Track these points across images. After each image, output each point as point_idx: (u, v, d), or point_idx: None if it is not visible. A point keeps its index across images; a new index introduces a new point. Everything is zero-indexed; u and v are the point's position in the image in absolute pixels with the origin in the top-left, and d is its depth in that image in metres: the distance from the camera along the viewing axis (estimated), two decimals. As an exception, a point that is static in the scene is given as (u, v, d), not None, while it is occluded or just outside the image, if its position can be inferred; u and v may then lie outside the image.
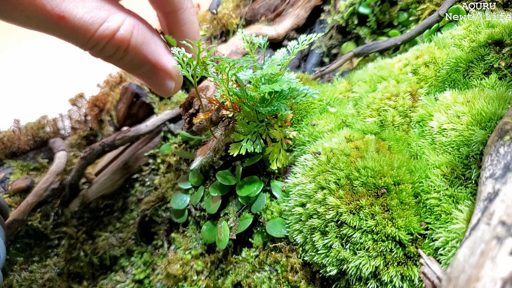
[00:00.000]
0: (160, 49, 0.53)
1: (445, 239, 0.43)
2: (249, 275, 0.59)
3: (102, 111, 1.12)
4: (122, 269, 0.81)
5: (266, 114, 0.58)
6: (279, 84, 0.51)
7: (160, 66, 0.53)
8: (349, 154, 0.54)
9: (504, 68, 0.55)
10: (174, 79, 0.56)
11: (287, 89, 0.56)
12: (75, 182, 0.92)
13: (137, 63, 0.52)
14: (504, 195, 0.33)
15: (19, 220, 0.80)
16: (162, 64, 0.53)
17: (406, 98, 0.61)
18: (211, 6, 1.00)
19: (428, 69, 0.63)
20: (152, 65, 0.53)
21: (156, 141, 0.93)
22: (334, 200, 0.49)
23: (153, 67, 0.53)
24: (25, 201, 0.82)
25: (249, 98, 0.55)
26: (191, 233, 0.71)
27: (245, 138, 0.57)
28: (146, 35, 0.51)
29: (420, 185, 0.49)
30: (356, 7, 0.89)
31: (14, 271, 0.79)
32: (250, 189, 0.61)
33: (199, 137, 0.80)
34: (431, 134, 0.54)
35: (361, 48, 0.80)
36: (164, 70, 0.54)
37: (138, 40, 0.49)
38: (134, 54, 0.50)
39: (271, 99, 0.56)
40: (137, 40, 0.49)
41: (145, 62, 0.52)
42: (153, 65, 0.53)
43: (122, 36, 0.47)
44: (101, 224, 0.95)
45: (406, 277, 0.45)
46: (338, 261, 0.48)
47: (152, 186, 0.93)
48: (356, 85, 0.71)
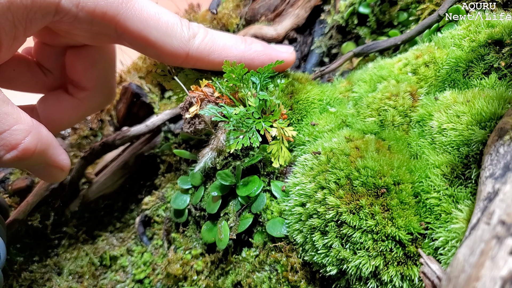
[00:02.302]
0: (57, 151, 0.57)
1: (445, 239, 0.43)
2: (249, 275, 0.59)
3: (102, 111, 1.12)
4: (122, 269, 0.81)
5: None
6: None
7: (56, 164, 0.57)
8: (349, 154, 0.54)
9: (504, 67, 0.55)
10: (65, 171, 0.60)
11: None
12: (75, 182, 0.92)
13: (33, 165, 0.55)
14: (504, 194, 0.33)
15: (19, 220, 0.80)
16: (58, 163, 0.57)
17: (406, 98, 0.61)
18: (211, 6, 1.00)
19: (428, 69, 0.63)
20: (47, 165, 0.56)
21: (156, 141, 0.93)
22: (334, 200, 0.50)
23: (47, 165, 0.56)
24: (25, 201, 0.82)
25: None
26: (191, 233, 0.71)
27: (242, 134, 0.57)
28: (47, 142, 0.54)
29: (420, 184, 0.49)
30: (356, 7, 0.89)
31: (14, 271, 0.79)
32: (250, 189, 0.61)
33: (199, 137, 0.80)
34: (431, 134, 0.54)
35: (361, 48, 0.80)
36: (58, 167, 0.58)
37: (41, 149, 0.52)
38: (33, 161, 0.53)
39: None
40: (39, 149, 0.52)
41: (42, 163, 0.55)
42: (48, 165, 0.56)
43: (26, 147, 0.50)
44: (101, 224, 0.95)
45: (406, 277, 0.45)
46: (338, 261, 0.48)
47: (152, 186, 0.93)
48: (356, 85, 0.71)
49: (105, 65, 0.68)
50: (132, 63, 1.14)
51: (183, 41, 0.59)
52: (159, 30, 0.56)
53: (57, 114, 0.66)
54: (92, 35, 0.57)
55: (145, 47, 0.58)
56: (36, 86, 0.68)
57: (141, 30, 0.55)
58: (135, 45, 0.59)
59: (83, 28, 0.55)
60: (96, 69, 0.66)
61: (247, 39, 0.67)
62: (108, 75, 0.70)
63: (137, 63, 1.12)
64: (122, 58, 1.19)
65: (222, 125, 0.61)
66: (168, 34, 0.57)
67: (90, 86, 0.67)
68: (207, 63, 0.64)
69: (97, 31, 0.56)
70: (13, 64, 0.63)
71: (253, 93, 0.61)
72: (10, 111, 0.48)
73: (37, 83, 0.67)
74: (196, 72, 0.69)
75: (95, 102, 0.70)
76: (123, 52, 1.00)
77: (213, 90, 0.63)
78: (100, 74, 0.67)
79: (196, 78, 0.69)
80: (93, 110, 0.72)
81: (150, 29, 0.56)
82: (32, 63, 0.66)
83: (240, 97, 0.63)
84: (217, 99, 0.61)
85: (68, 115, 0.68)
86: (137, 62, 1.13)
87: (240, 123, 0.57)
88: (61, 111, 0.67)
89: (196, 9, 1.21)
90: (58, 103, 0.67)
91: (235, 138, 0.57)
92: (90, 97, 0.68)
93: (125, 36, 0.56)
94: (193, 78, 0.69)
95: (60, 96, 0.67)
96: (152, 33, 0.56)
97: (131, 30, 0.55)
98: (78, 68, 0.65)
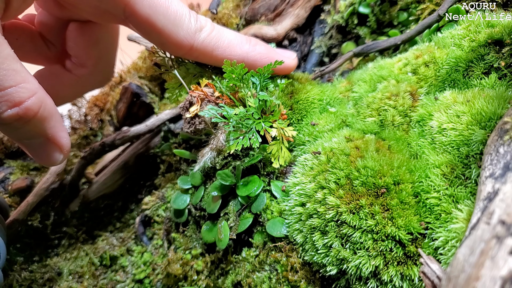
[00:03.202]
0: (59, 124, 0.54)
1: (445, 239, 0.43)
2: (249, 275, 0.59)
3: (102, 111, 1.12)
4: (122, 269, 0.81)
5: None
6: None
7: (55, 140, 0.54)
8: (349, 153, 0.54)
9: (504, 67, 0.55)
10: (64, 153, 0.57)
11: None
12: (75, 182, 0.92)
13: (31, 135, 0.52)
14: (503, 194, 0.33)
15: (19, 220, 0.80)
16: (58, 139, 0.54)
17: (406, 97, 0.61)
18: (211, 6, 1.01)
19: (428, 69, 0.63)
20: (46, 138, 0.54)
21: (156, 141, 0.93)
22: (334, 199, 0.50)
23: (46, 139, 0.54)
24: (25, 201, 0.82)
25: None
26: (191, 232, 0.71)
27: (242, 135, 0.57)
28: (51, 111, 0.52)
29: (420, 184, 0.49)
30: (356, 6, 0.89)
31: (14, 271, 0.79)
32: (250, 189, 0.61)
33: (199, 137, 0.80)
34: (431, 134, 0.54)
35: (361, 48, 0.80)
36: (57, 144, 0.55)
37: (43, 115, 0.50)
38: (33, 127, 0.50)
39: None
40: (42, 115, 0.50)
41: (41, 135, 0.53)
42: (47, 139, 0.54)
43: (29, 107, 0.48)
44: (101, 224, 0.95)
45: (406, 277, 0.45)
46: (338, 261, 0.48)
47: (152, 186, 0.93)
48: (356, 84, 0.71)
49: (107, 45, 0.66)
50: (132, 63, 1.15)
51: (189, 33, 0.58)
52: (167, 18, 0.56)
53: (54, 89, 0.64)
54: (99, 12, 0.56)
55: (150, 33, 0.57)
56: (39, 58, 0.66)
57: (150, 15, 0.55)
58: (141, 30, 0.58)
59: (91, 4, 0.54)
60: (98, 47, 0.65)
61: (251, 40, 0.67)
62: (109, 55, 0.68)
63: (137, 63, 1.12)
64: (122, 58, 1.19)
65: (222, 125, 0.61)
66: (176, 23, 0.57)
67: (90, 64, 0.65)
68: (210, 58, 0.63)
69: (104, 9, 0.55)
70: (16, 33, 0.62)
71: (253, 93, 0.61)
72: (19, 69, 0.47)
73: (39, 54, 0.66)
74: (198, 67, 0.69)
75: (93, 81, 0.69)
76: (123, 52, 1.00)
77: (213, 89, 0.63)
78: (101, 53, 0.66)
79: (196, 73, 0.69)
80: (90, 88, 0.71)
81: (158, 16, 0.55)
82: (36, 34, 0.65)
83: (240, 97, 0.63)
84: (217, 99, 0.61)
85: (65, 91, 0.66)
86: (137, 62, 1.13)
87: (240, 124, 0.57)
88: (58, 87, 0.65)
89: (196, 9, 1.21)
90: (55, 78, 0.65)
91: (235, 138, 0.57)
92: (89, 75, 0.66)
93: (132, 19, 0.55)
94: (194, 73, 0.69)
95: (58, 72, 0.66)
96: (159, 20, 0.55)
97: (140, 13, 0.54)
98: (80, 45, 0.63)
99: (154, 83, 1.06)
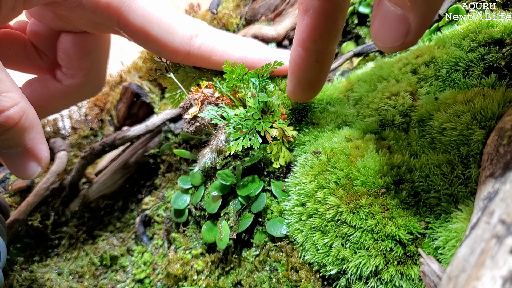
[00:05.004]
0: (39, 136, 0.53)
1: (445, 238, 0.43)
2: (250, 275, 0.59)
3: (102, 111, 1.12)
4: (123, 269, 0.81)
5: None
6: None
7: (34, 152, 0.54)
8: (349, 153, 0.54)
9: (503, 67, 0.55)
10: (42, 166, 0.56)
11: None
12: (75, 182, 0.92)
13: (9, 144, 0.52)
14: (504, 194, 0.33)
15: (20, 220, 0.80)
16: (37, 151, 0.54)
17: (406, 97, 0.61)
18: (211, 6, 1.01)
19: (428, 69, 0.63)
20: (24, 149, 0.53)
21: (157, 141, 0.93)
22: (334, 199, 0.50)
23: (24, 150, 0.53)
24: (25, 201, 0.82)
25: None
26: (191, 232, 0.71)
27: (242, 135, 0.57)
28: (33, 122, 0.51)
29: (420, 184, 0.49)
30: (356, 6, 0.89)
31: (14, 271, 0.79)
32: (250, 189, 0.61)
33: (199, 137, 0.80)
34: (431, 134, 0.54)
35: (361, 47, 0.80)
36: (36, 156, 0.54)
37: (24, 125, 0.50)
38: (12, 136, 0.50)
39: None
40: (23, 125, 0.49)
41: (20, 145, 0.52)
42: (26, 150, 0.53)
43: (10, 115, 0.47)
44: (102, 224, 0.95)
45: (406, 276, 0.45)
46: (338, 261, 0.48)
47: (152, 186, 0.93)
48: (356, 84, 0.72)
49: (98, 55, 0.66)
50: (132, 63, 1.14)
51: (184, 40, 0.58)
52: (161, 26, 0.56)
53: (43, 100, 0.64)
54: (92, 23, 0.56)
55: (145, 42, 0.57)
56: (31, 67, 0.66)
57: (143, 25, 0.55)
58: (136, 39, 0.58)
59: (84, 16, 0.54)
60: (90, 59, 0.64)
61: (250, 42, 0.67)
62: (100, 65, 0.68)
63: (137, 63, 1.12)
64: (122, 58, 1.19)
65: (222, 125, 0.61)
66: (170, 31, 0.57)
67: (81, 75, 0.65)
68: (207, 63, 0.63)
69: (98, 21, 0.55)
70: (9, 43, 0.62)
71: (253, 93, 0.61)
72: (4, 78, 0.47)
73: (32, 64, 0.65)
74: (196, 71, 0.69)
75: (84, 91, 0.68)
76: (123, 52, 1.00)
77: (213, 90, 0.63)
78: (93, 64, 0.65)
79: (195, 76, 0.69)
80: (80, 98, 0.70)
81: (152, 25, 0.55)
82: (28, 43, 0.64)
83: (240, 97, 0.63)
84: (217, 100, 0.61)
85: (55, 101, 0.66)
86: (137, 62, 1.13)
87: (240, 125, 0.57)
88: (48, 97, 0.64)
89: (196, 9, 1.22)
90: (45, 89, 0.64)
91: (235, 139, 0.57)
92: (80, 85, 0.65)
93: (127, 30, 0.55)
94: (193, 76, 0.69)
95: (47, 82, 0.65)
96: (154, 29, 0.55)
97: (133, 24, 0.54)
98: (71, 56, 0.63)
99: (154, 83, 1.06)
